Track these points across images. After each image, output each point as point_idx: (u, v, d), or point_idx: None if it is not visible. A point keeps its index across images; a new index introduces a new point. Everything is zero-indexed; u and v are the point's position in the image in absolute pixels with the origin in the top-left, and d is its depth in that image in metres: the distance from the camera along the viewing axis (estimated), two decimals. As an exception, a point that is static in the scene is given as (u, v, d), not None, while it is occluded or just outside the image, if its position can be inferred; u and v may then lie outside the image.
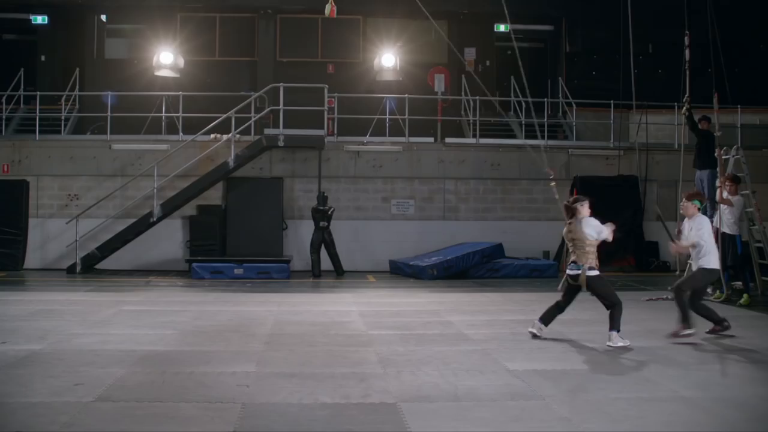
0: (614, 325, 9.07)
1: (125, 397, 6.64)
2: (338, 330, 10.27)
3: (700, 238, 9.67)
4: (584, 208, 9.34)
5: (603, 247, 9.53)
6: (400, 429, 5.83)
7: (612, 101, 20.81)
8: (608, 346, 8.99)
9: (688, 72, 14.56)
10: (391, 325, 10.67)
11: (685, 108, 15.02)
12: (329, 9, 16.21)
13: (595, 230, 9.23)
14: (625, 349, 8.90)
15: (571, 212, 9.33)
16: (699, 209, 9.95)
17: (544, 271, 17.95)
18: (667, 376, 7.64)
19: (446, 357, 8.48)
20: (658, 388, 7.13)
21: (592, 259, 9.20)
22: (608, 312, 9.18)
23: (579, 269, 9.24)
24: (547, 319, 9.71)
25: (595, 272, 9.20)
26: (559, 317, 9.75)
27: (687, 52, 14.62)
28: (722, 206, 13.38)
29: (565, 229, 9.43)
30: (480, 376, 7.58)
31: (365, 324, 10.79)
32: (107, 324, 10.66)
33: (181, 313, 11.62)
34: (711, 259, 9.70)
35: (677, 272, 14.92)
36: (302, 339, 9.56)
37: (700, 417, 6.25)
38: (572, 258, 9.39)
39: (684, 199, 10.02)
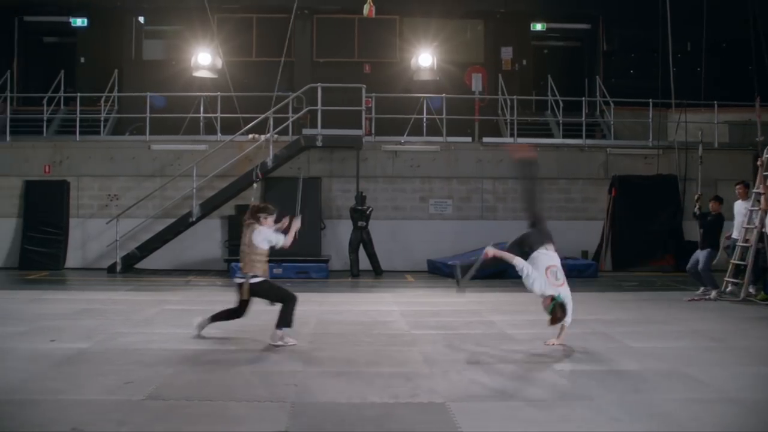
0: (282, 321, 9.00)
1: (175, 395, 6.70)
2: (381, 329, 10.29)
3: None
4: (267, 221, 9.20)
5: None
6: (451, 429, 5.82)
7: (650, 100, 20.59)
8: (270, 344, 8.97)
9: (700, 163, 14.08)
10: (433, 325, 10.67)
11: (697, 207, 14.75)
12: (368, 9, 16.29)
13: (267, 240, 9.11)
14: (293, 346, 8.92)
15: (254, 218, 9.20)
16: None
17: (583, 270, 17.80)
18: (715, 376, 7.54)
19: (491, 357, 8.47)
20: (707, 389, 7.06)
21: (258, 268, 9.10)
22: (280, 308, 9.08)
23: (243, 278, 9.12)
24: (219, 318, 9.54)
25: (259, 279, 9.10)
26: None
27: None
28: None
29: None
30: (527, 376, 7.56)
31: (407, 323, 10.80)
32: (150, 323, 10.78)
33: (223, 313, 11.67)
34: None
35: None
36: (346, 338, 9.59)
37: (749, 419, 6.18)
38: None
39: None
